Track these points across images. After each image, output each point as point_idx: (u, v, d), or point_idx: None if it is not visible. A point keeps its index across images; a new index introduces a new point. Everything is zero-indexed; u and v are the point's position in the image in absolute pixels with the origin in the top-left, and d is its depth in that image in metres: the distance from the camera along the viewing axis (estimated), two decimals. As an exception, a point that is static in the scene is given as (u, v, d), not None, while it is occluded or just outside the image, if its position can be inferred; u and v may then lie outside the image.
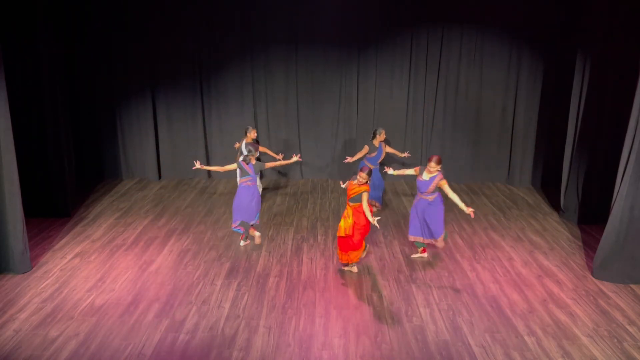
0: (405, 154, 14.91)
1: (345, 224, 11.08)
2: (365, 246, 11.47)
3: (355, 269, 11.58)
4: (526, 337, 8.95)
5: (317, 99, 17.87)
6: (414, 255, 12.26)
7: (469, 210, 11.19)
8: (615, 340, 8.92)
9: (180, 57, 17.33)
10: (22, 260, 11.00)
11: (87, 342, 8.70)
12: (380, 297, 10.24)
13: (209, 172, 18.26)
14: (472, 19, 16.80)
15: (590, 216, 14.06)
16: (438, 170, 11.67)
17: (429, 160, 11.62)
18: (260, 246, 12.61)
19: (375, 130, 14.35)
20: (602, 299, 10.24)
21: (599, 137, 13.61)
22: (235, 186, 16.82)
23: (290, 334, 8.99)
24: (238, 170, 12.89)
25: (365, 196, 10.88)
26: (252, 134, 14.45)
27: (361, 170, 10.97)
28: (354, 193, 11.01)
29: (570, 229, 13.91)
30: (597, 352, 8.57)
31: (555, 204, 15.56)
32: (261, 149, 14.44)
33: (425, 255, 12.22)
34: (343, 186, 11.94)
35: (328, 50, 17.37)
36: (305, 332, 9.05)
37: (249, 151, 12.41)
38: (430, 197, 11.74)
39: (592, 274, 11.19)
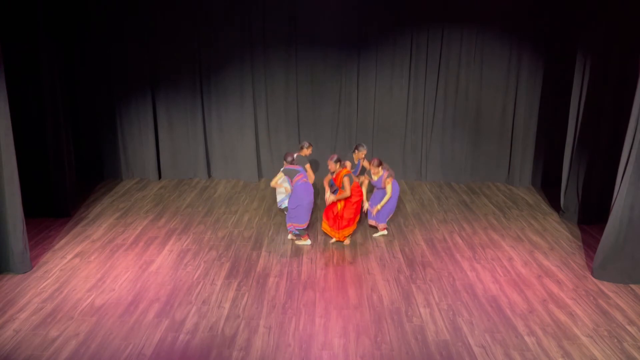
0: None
1: (339, 205, 12.39)
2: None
3: (348, 241, 12.80)
4: (526, 337, 8.96)
5: (317, 99, 17.85)
6: (375, 235, 13.50)
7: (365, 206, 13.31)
8: (615, 340, 8.93)
9: (180, 57, 17.29)
10: (22, 260, 11.00)
11: (87, 342, 8.71)
12: (380, 297, 10.23)
13: (209, 172, 18.28)
14: (472, 19, 16.78)
15: (590, 216, 14.05)
16: (383, 170, 12.99)
17: (371, 164, 13.09)
18: (276, 247, 12.66)
19: (358, 145, 14.21)
20: (602, 299, 10.25)
21: (599, 137, 13.60)
22: (235, 186, 16.93)
23: (290, 334, 9.00)
24: (287, 178, 12.97)
25: (346, 180, 12.19)
26: (308, 151, 14.34)
27: (329, 159, 12.49)
28: (340, 182, 12.24)
29: (570, 229, 13.90)
30: (597, 352, 8.57)
31: (555, 204, 15.55)
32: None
33: (385, 232, 13.52)
34: (329, 197, 12.39)
35: (328, 50, 17.34)
36: (305, 332, 9.06)
37: (291, 161, 12.81)
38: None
39: (592, 274, 11.18)
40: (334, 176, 12.46)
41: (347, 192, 12.13)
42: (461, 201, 15.99)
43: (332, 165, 12.25)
